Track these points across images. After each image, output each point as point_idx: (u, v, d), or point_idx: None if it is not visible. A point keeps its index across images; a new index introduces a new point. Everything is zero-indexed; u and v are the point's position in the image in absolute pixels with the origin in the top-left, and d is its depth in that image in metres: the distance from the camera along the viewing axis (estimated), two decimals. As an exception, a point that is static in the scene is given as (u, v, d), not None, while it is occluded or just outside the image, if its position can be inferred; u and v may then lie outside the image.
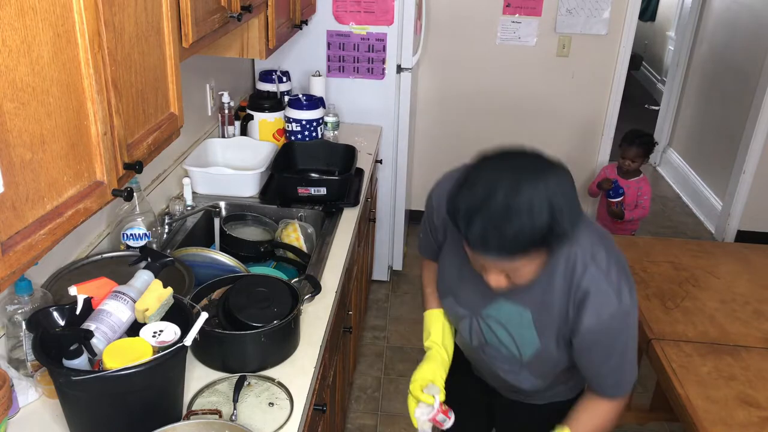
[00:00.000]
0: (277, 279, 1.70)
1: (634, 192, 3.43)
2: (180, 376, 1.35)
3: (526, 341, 1.41)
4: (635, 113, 6.03)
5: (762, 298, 2.35)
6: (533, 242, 1.14)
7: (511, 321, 1.41)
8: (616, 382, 1.41)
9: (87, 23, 1.00)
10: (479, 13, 3.83)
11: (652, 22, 7.25)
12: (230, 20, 1.73)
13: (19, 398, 1.36)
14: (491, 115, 4.08)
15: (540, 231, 1.12)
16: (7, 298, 1.43)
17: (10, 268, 0.89)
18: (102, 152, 1.09)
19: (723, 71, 4.54)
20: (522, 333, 1.40)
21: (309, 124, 2.76)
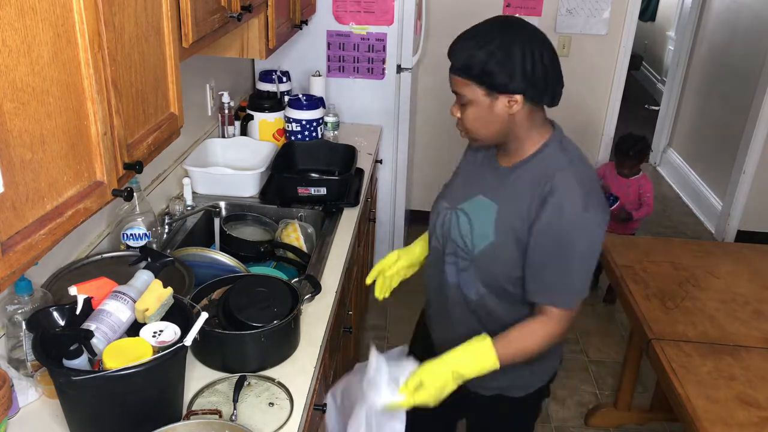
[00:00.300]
0: (277, 279, 1.70)
1: (635, 190, 3.43)
2: (180, 376, 1.35)
3: (482, 233, 1.47)
4: (635, 113, 6.03)
5: (762, 298, 2.35)
6: (470, 68, 1.36)
7: (478, 213, 1.49)
8: (558, 290, 1.42)
9: (87, 23, 1.00)
10: (479, 13, 3.79)
11: (652, 22, 7.25)
12: (230, 20, 1.73)
13: (19, 398, 1.36)
14: (491, 115, 4.08)
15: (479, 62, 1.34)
16: (7, 298, 1.43)
17: (10, 268, 0.89)
18: (102, 152, 1.09)
19: (723, 71, 4.54)
20: (482, 224, 1.47)
21: (309, 124, 2.76)
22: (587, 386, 3.02)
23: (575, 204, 1.36)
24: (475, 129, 1.44)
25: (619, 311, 3.54)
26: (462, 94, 1.41)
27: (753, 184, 4.12)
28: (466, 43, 1.38)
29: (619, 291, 2.42)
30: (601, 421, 2.80)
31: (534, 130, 1.45)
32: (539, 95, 1.40)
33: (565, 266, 1.41)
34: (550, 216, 1.37)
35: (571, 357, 3.21)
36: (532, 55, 1.34)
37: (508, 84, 1.35)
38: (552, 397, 2.94)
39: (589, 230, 1.39)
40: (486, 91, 1.37)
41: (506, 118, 1.40)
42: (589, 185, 1.40)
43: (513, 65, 1.33)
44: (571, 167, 1.41)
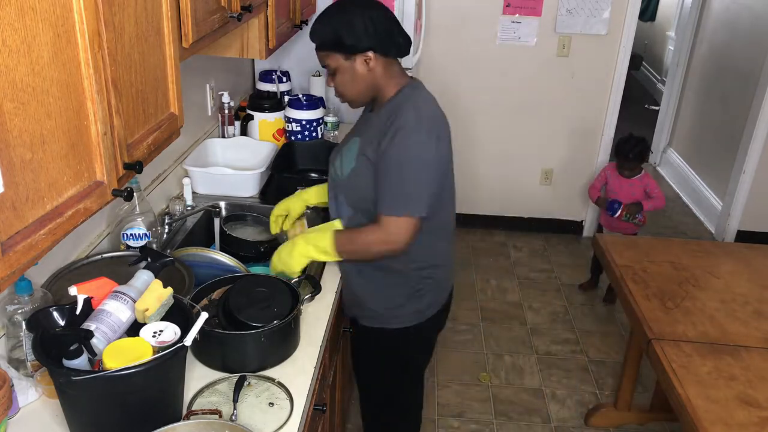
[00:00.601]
0: (277, 279, 1.70)
1: (640, 189, 3.44)
2: (180, 376, 1.35)
3: (348, 161, 1.77)
4: (635, 113, 6.03)
5: (762, 298, 2.35)
6: (325, 43, 1.67)
7: (349, 148, 1.79)
8: (386, 199, 1.66)
9: (87, 23, 1.00)
10: (479, 13, 3.83)
11: (652, 22, 7.25)
12: (230, 20, 1.73)
13: (19, 398, 1.36)
14: (491, 115, 4.08)
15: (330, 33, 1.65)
16: (7, 298, 1.43)
17: (10, 268, 0.89)
18: (102, 152, 1.09)
19: (723, 71, 4.54)
20: (348, 155, 1.77)
21: (309, 124, 2.75)
22: (587, 386, 3.02)
23: (409, 129, 1.63)
24: (346, 91, 1.73)
25: (619, 311, 3.54)
26: (328, 64, 1.70)
27: (753, 184, 4.12)
28: (316, 24, 1.68)
29: (619, 291, 2.42)
30: (601, 421, 2.80)
31: (392, 80, 1.73)
32: (387, 49, 1.68)
33: (394, 179, 1.64)
34: (389, 140, 1.63)
35: (571, 357, 3.21)
36: (370, 17, 1.64)
37: (358, 44, 1.64)
38: (552, 397, 2.94)
39: (417, 149, 1.63)
40: (344, 55, 1.67)
41: (367, 74, 1.69)
42: (425, 118, 1.67)
43: (356, 28, 1.63)
44: (414, 105, 1.68)
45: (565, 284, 3.82)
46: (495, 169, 4.23)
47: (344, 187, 1.79)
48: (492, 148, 4.18)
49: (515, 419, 2.82)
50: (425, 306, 1.89)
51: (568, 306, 3.62)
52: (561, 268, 3.98)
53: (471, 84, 4.00)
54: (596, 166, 4.14)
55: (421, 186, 1.67)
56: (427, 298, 1.88)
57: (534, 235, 4.33)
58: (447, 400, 2.91)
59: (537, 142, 4.15)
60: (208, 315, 1.34)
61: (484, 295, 3.68)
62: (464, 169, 4.22)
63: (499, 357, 3.19)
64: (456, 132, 4.33)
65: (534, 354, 3.22)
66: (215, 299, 1.66)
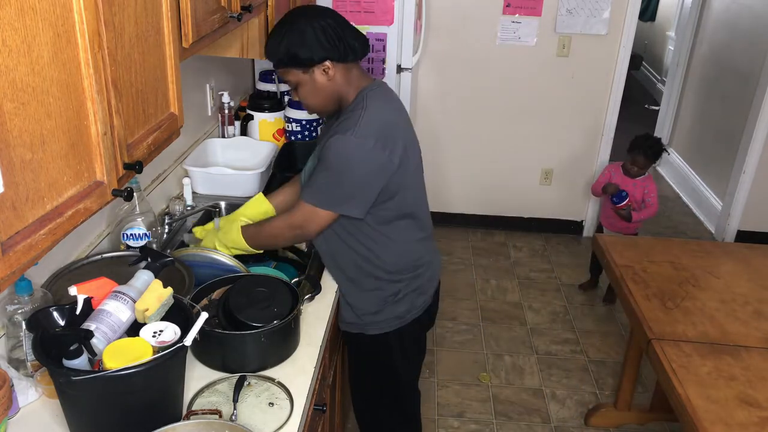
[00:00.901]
0: (277, 279, 1.70)
1: (641, 191, 3.43)
2: (180, 376, 1.35)
3: (309, 166, 1.80)
4: (635, 113, 6.03)
5: (762, 298, 2.35)
6: (282, 60, 1.67)
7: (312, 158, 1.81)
8: (306, 188, 1.70)
9: (87, 23, 1.00)
10: (479, 13, 3.83)
11: (652, 22, 7.25)
12: (230, 20, 1.73)
13: (19, 398, 1.36)
14: (491, 115, 4.08)
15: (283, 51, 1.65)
16: (7, 298, 1.43)
17: (10, 268, 0.89)
18: (102, 152, 1.09)
19: (723, 71, 4.54)
20: (310, 165, 1.80)
21: (309, 124, 2.75)
22: (587, 386, 3.02)
23: (345, 130, 1.63)
24: (311, 103, 1.75)
25: (619, 311, 3.54)
26: (288, 80, 1.72)
27: (753, 184, 4.12)
28: (269, 42, 1.68)
29: (619, 291, 2.42)
30: (601, 421, 2.80)
31: (352, 86, 1.73)
32: (343, 55, 1.67)
33: (319, 172, 1.67)
34: (328, 139, 1.65)
35: (571, 357, 3.21)
36: (320, 27, 1.63)
37: (313, 56, 1.65)
38: (552, 397, 2.94)
39: (344, 149, 1.63)
40: (302, 69, 1.67)
41: (327, 84, 1.70)
42: (368, 121, 1.65)
43: (308, 41, 1.63)
44: (362, 109, 1.66)
45: (565, 284, 3.82)
46: (495, 168, 4.23)
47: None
48: (492, 148, 4.18)
49: (515, 419, 2.82)
50: (404, 311, 1.87)
51: (568, 306, 3.62)
52: (561, 268, 3.98)
53: (471, 84, 4.00)
54: (596, 166, 4.14)
55: (342, 186, 1.66)
56: (404, 304, 1.87)
57: (534, 235, 4.33)
58: (447, 400, 2.91)
59: (537, 142, 4.15)
60: (208, 315, 1.34)
61: (484, 295, 3.68)
62: (464, 169, 4.23)
63: (499, 357, 3.19)
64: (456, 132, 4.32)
65: (534, 354, 3.22)
66: (215, 299, 1.66)
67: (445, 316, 3.45)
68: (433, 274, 1.96)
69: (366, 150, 1.63)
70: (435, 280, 1.98)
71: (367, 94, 1.71)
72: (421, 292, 1.90)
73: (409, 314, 1.89)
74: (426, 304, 1.93)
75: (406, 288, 1.85)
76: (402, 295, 1.85)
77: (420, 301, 1.91)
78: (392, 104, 1.78)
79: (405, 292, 1.86)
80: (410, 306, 1.88)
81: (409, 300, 1.87)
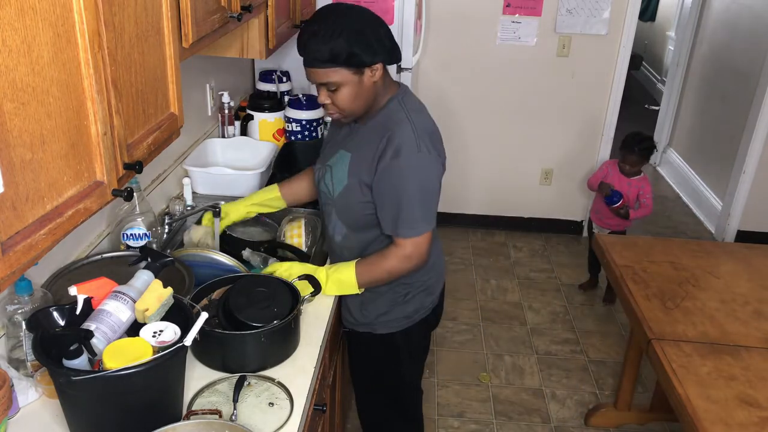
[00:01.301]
0: (277, 279, 1.70)
1: (635, 191, 3.43)
2: (180, 376, 1.35)
3: (339, 178, 1.74)
4: (635, 113, 6.03)
5: (762, 298, 2.35)
6: (336, 57, 1.56)
7: (338, 163, 1.75)
8: (399, 222, 1.66)
9: (87, 23, 1.00)
10: (479, 13, 3.83)
11: (652, 22, 7.25)
12: (230, 20, 1.73)
13: (19, 398, 1.36)
14: (491, 115, 4.08)
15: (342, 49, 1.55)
16: (7, 298, 1.43)
17: (10, 268, 0.89)
18: (102, 152, 1.09)
19: (723, 71, 4.54)
20: (340, 171, 1.74)
21: (309, 124, 2.75)
22: (587, 386, 3.02)
23: (409, 147, 1.62)
24: (350, 106, 1.66)
25: (619, 311, 3.54)
26: (330, 81, 1.61)
27: (753, 184, 4.12)
28: (317, 39, 1.56)
29: (619, 291, 2.42)
30: (601, 421, 2.80)
31: (387, 89, 1.71)
32: (391, 59, 1.66)
33: (403, 200, 1.64)
34: (388, 159, 1.62)
35: (571, 357, 3.21)
36: (377, 29, 1.61)
37: (373, 58, 1.60)
38: (552, 397, 2.94)
39: (420, 168, 1.64)
40: (354, 70, 1.60)
41: (372, 87, 1.66)
42: (421, 132, 1.66)
43: (369, 42, 1.58)
44: (408, 119, 1.66)
45: (565, 284, 3.82)
46: (495, 168, 4.23)
47: (336, 204, 1.78)
48: (492, 148, 4.18)
49: (515, 419, 2.82)
50: (412, 311, 1.88)
51: (568, 306, 3.62)
52: (561, 268, 3.98)
53: (471, 84, 4.00)
54: (596, 166, 4.14)
55: (430, 202, 1.69)
56: (413, 304, 1.87)
57: (534, 235, 4.33)
58: (447, 400, 2.91)
59: (537, 142, 4.15)
60: (208, 315, 1.34)
61: (484, 295, 3.68)
62: (464, 169, 4.23)
63: (499, 357, 3.19)
64: (456, 132, 4.31)
65: (534, 354, 3.22)
66: (215, 299, 1.66)
67: (445, 316, 3.43)
68: (440, 274, 1.97)
69: (433, 163, 1.66)
70: (442, 280, 1.99)
71: (403, 104, 1.70)
72: (429, 293, 1.91)
73: (417, 314, 1.89)
74: (433, 303, 1.94)
75: (416, 288, 1.86)
76: (411, 295, 1.86)
77: (428, 301, 1.91)
78: (424, 109, 1.79)
79: (414, 293, 1.86)
80: (419, 306, 1.89)
81: (418, 300, 1.88)
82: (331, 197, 1.78)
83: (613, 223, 3.48)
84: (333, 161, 1.78)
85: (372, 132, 1.70)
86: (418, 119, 1.69)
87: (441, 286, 1.98)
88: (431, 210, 1.70)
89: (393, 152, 1.62)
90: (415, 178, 1.64)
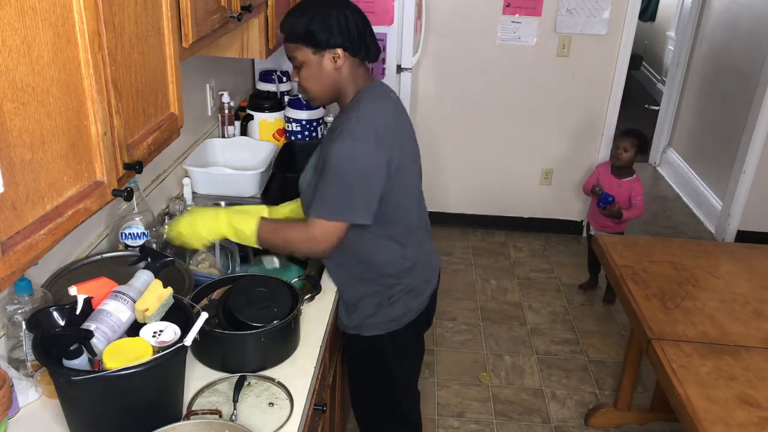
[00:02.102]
0: (277, 279, 1.70)
1: (627, 192, 3.43)
2: (180, 376, 1.35)
3: (307, 176, 1.77)
4: (635, 113, 6.03)
5: (762, 298, 2.35)
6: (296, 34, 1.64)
7: (311, 160, 1.79)
8: (315, 202, 1.64)
9: (87, 23, 1.00)
10: (479, 13, 3.83)
11: (652, 22, 7.25)
12: (230, 20, 1.73)
13: (19, 398, 1.36)
14: (491, 115, 4.08)
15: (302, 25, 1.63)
16: (7, 298, 1.43)
17: (10, 268, 0.89)
18: (102, 152, 1.09)
19: (723, 71, 4.54)
20: (308, 170, 1.78)
21: (309, 124, 2.75)
22: (587, 386, 3.02)
23: (347, 132, 1.61)
24: (310, 87, 1.70)
25: (619, 311, 3.54)
26: (295, 57, 1.68)
27: (753, 184, 4.12)
28: (291, 14, 1.67)
29: (619, 291, 2.42)
30: (601, 421, 2.80)
31: (353, 83, 1.71)
32: (357, 50, 1.67)
33: (324, 183, 1.62)
34: (329, 148, 1.63)
35: (571, 357, 3.21)
36: (345, 16, 1.64)
37: (329, 39, 1.63)
38: (552, 397, 2.94)
39: (352, 153, 1.61)
40: (313, 49, 1.65)
41: (332, 72, 1.68)
42: (367, 123, 1.64)
43: (330, 24, 1.62)
44: (359, 110, 1.66)
45: (565, 284, 3.82)
46: (495, 169, 4.23)
47: (304, 197, 1.78)
48: (492, 148, 4.18)
49: (515, 419, 2.82)
50: (400, 314, 1.86)
51: (568, 306, 3.62)
52: (561, 268, 3.98)
53: (471, 84, 4.00)
54: (596, 166, 4.14)
55: (357, 192, 1.62)
56: (399, 307, 1.85)
57: (534, 235, 4.33)
58: (447, 400, 2.91)
59: (537, 142, 4.15)
60: (208, 315, 1.34)
61: (484, 295, 3.68)
62: (464, 169, 4.23)
63: (499, 357, 3.19)
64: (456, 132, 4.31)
65: (534, 354, 3.22)
66: (215, 299, 1.66)
67: (445, 316, 3.45)
68: (430, 276, 1.94)
69: (368, 153, 1.61)
70: (432, 282, 1.95)
71: (361, 96, 1.70)
72: (416, 295, 1.88)
73: (404, 317, 1.87)
74: (422, 306, 1.91)
75: (400, 291, 1.83)
76: (396, 297, 1.84)
77: (416, 304, 1.89)
78: (387, 104, 1.74)
79: (399, 296, 1.84)
80: (405, 309, 1.86)
81: (403, 303, 1.85)
82: (303, 191, 1.79)
83: (609, 224, 3.49)
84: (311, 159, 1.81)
85: (332, 127, 1.73)
86: (370, 111, 1.66)
87: (431, 289, 1.95)
88: (356, 201, 1.62)
89: (332, 143, 1.62)
90: (344, 162, 1.59)
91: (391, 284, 1.82)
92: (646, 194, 3.54)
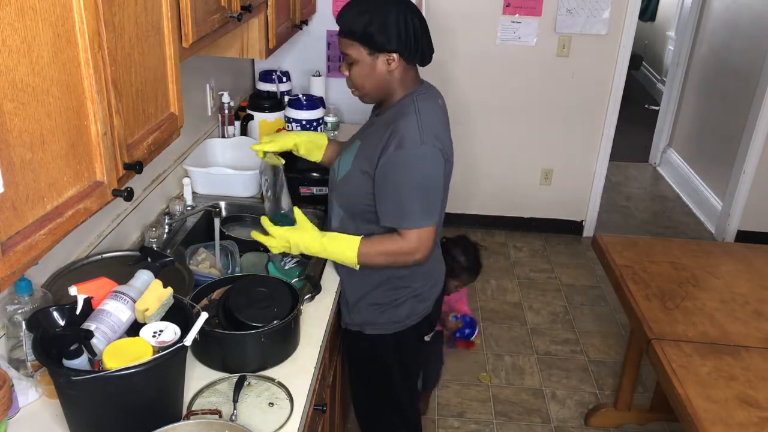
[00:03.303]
0: (277, 279, 1.70)
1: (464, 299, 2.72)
2: (180, 376, 1.35)
3: (344, 164, 1.77)
4: (635, 113, 6.03)
5: (762, 298, 2.35)
6: (354, 31, 1.62)
7: (349, 150, 1.79)
8: (400, 214, 1.67)
9: (87, 23, 1.00)
10: (479, 13, 3.83)
11: (652, 22, 7.25)
12: (230, 20, 1.73)
13: (19, 398, 1.36)
14: (491, 115, 4.08)
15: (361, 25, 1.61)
16: (7, 298, 1.43)
17: (10, 268, 0.89)
18: (102, 152, 1.09)
19: (723, 71, 4.54)
20: (347, 158, 1.77)
21: (309, 124, 2.75)
22: (587, 386, 3.02)
23: (412, 140, 1.62)
24: (360, 85, 1.71)
25: (619, 311, 3.54)
26: (348, 54, 1.67)
27: (753, 184, 4.12)
28: (350, 10, 1.64)
29: (619, 291, 2.42)
30: (601, 421, 2.80)
31: (404, 86, 1.72)
32: (411, 55, 1.67)
33: (405, 192, 1.64)
34: (391, 150, 1.63)
35: (571, 357, 3.21)
36: (405, 21, 1.62)
37: (386, 44, 1.62)
38: (552, 397, 2.94)
39: (424, 160, 1.63)
40: (368, 50, 1.64)
41: (385, 74, 1.68)
42: (427, 127, 1.65)
43: (389, 27, 1.61)
44: (416, 113, 1.67)
45: (565, 284, 3.82)
46: (495, 168, 4.23)
47: (337, 189, 1.81)
48: (492, 148, 4.18)
49: (515, 419, 2.82)
50: (404, 316, 1.87)
51: (568, 306, 3.62)
52: (561, 268, 3.98)
53: (471, 84, 4.00)
54: (596, 166, 4.14)
55: (432, 196, 1.68)
56: (404, 309, 1.86)
57: (534, 235, 4.33)
58: (447, 400, 2.91)
59: (537, 142, 4.15)
60: (208, 315, 1.34)
61: (484, 295, 3.68)
62: (464, 168, 4.23)
63: (499, 357, 3.19)
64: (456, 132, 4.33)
65: (534, 354, 3.22)
66: (215, 299, 1.66)
67: (445, 316, 3.45)
68: (436, 282, 1.94)
69: (436, 157, 1.65)
70: (437, 289, 1.96)
71: (416, 100, 1.71)
72: (421, 299, 1.89)
73: (408, 320, 1.88)
74: (427, 311, 1.92)
75: (406, 295, 1.84)
76: (402, 301, 1.85)
77: (421, 308, 1.89)
78: (438, 108, 1.77)
79: (404, 299, 1.85)
80: (410, 312, 1.87)
81: (409, 306, 1.86)
82: (334, 181, 1.82)
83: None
84: (347, 148, 1.82)
85: (382, 124, 1.72)
86: (427, 115, 1.68)
87: (436, 295, 1.95)
88: (433, 205, 1.69)
89: (396, 144, 1.63)
90: (418, 170, 1.63)
91: (398, 287, 1.83)
92: (647, 194, 3.52)
